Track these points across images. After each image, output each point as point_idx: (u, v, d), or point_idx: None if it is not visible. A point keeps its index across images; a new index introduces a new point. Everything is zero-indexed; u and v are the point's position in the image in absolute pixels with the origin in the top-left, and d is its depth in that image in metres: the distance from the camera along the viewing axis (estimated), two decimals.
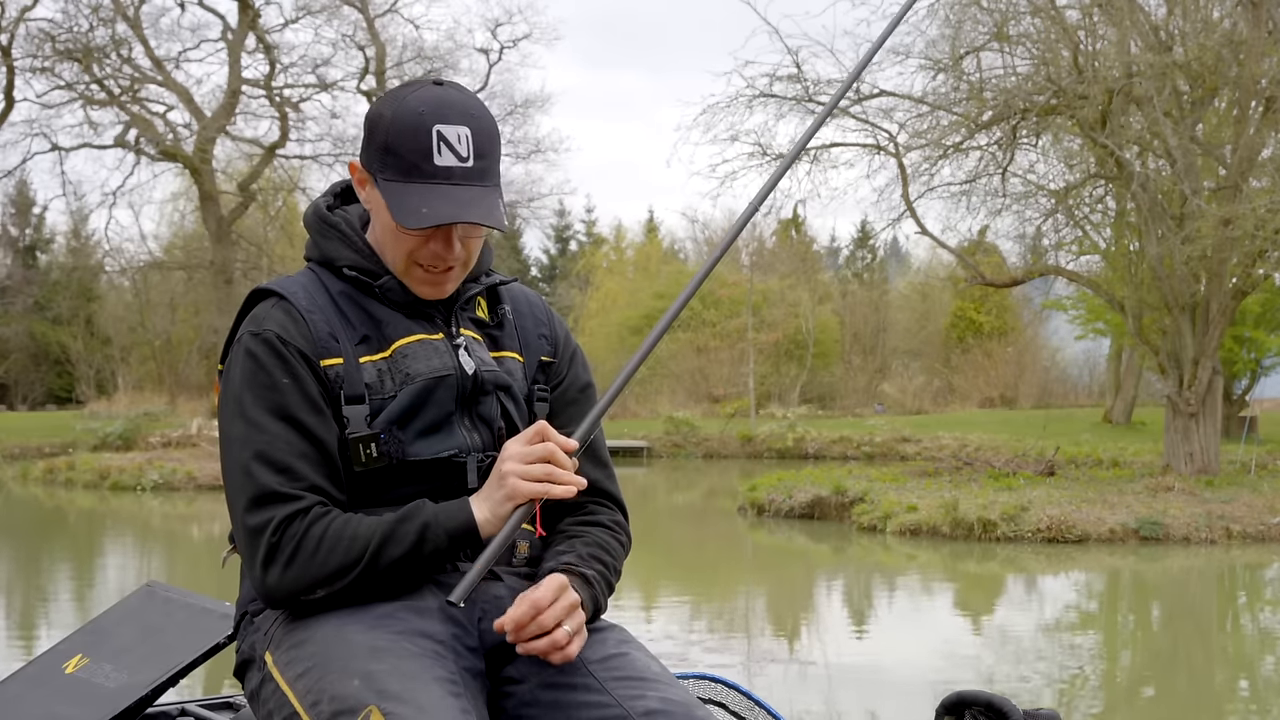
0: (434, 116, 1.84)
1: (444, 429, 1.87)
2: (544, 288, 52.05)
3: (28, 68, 29.96)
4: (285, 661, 1.77)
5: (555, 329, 2.06)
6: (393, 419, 1.84)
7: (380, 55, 31.38)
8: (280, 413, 1.80)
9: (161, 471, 22.29)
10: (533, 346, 2.02)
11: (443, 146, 1.83)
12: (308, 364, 1.83)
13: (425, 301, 1.91)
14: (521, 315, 2.03)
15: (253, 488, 1.78)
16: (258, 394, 1.81)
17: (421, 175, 1.83)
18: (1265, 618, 11.21)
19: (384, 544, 1.76)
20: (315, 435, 1.81)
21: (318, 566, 1.76)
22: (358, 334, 1.87)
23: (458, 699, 1.67)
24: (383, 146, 1.85)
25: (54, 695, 2.38)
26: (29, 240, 42.46)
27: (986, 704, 2.13)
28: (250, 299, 1.93)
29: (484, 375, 1.91)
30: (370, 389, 1.85)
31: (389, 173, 1.85)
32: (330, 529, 1.76)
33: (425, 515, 1.78)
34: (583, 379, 2.06)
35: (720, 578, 13.06)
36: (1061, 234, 20.26)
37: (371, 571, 1.76)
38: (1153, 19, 17.66)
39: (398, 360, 1.87)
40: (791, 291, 38.22)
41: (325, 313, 1.87)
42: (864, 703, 7.30)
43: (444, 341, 1.90)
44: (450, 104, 1.85)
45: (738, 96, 19.02)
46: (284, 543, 1.76)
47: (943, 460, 21.86)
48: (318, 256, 1.95)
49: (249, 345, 1.84)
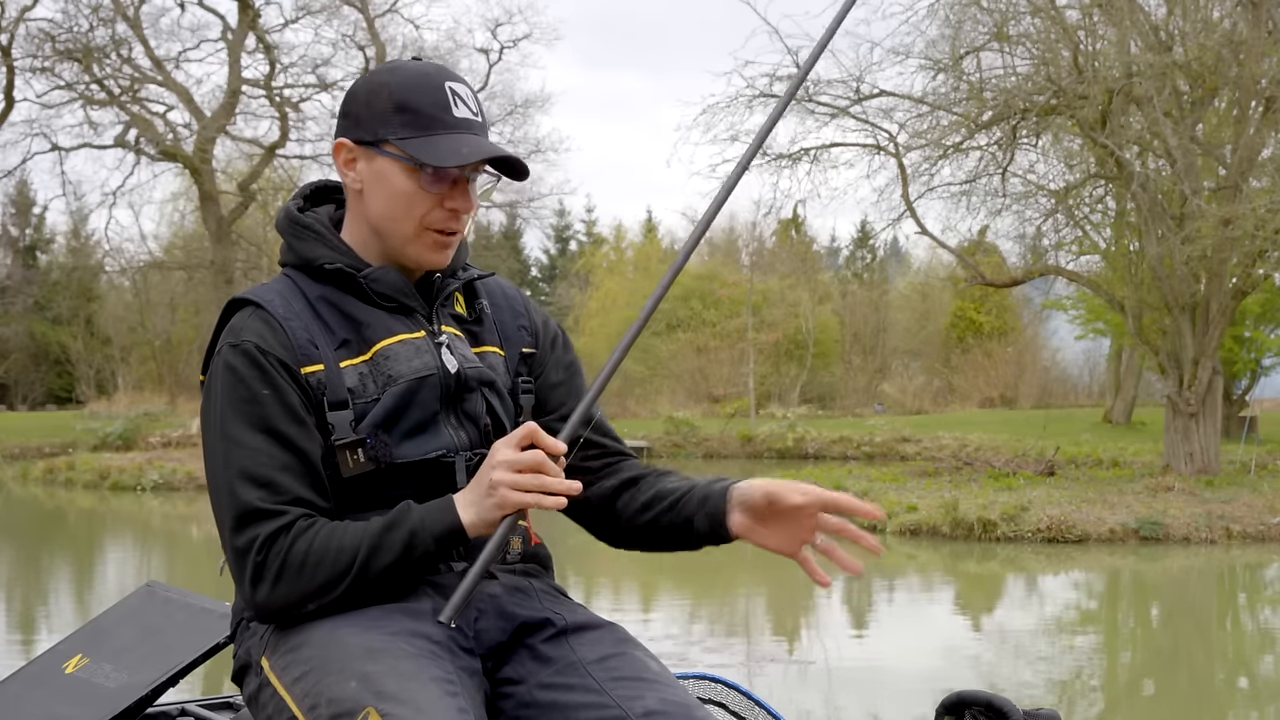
0: (441, 76, 1.87)
1: (430, 429, 1.85)
2: (544, 287, 52.06)
3: (28, 68, 29.97)
4: (282, 666, 1.76)
5: (533, 318, 2.04)
6: (378, 422, 1.82)
7: (380, 55, 31.37)
8: (261, 426, 1.78)
9: (161, 471, 22.29)
10: (513, 339, 2.00)
11: (458, 100, 1.85)
12: (288, 373, 1.80)
13: (407, 297, 1.89)
14: (499, 309, 2.02)
15: (235, 506, 1.76)
16: (238, 409, 1.79)
17: (444, 126, 1.84)
18: (1265, 617, 11.21)
19: (372, 554, 1.74)
20: (297, 446, 1.78)
21: (306, 581, 1.74)
22: (337, 338, 1.85)
23: (455, 698, 1.67)
24: (393, 107, 1.84)
25: (54, 695, 2.38)
26: (29, 240, 42.45)
27: (986, 704, 2.13)
28: (227, 309, 1.91)
29: (467, 372, 1.89)
30: (353, 393, 1.83)
31: (404, 130, 1.83)
32: (315, 543, 1.74)
33: (411, 522, 1.75)
34: (565, 359, 2.04)
35: (720, 578, 13.06)
36: (1061, 234, 20.28)
37: (362, 582, 1.75)
38: (1153, 19, 17.66)
39: (379, 363, 1.84)
40: (791, 291, 38.21)
41: (303, 319, 1.85)
42: (864, 703, 7.30)
43: (425, 340, 1.88)
44: (447, 69, 1.89)
45: (738, 96, 19.06)
46: (270, 560, 1.74)
47: (943, 460, 21.87)
48: (294, 260, 1.92)
49: (227, 358, 1.82)
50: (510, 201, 35.76)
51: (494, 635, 1.84)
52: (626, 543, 2.02)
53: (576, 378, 2.05)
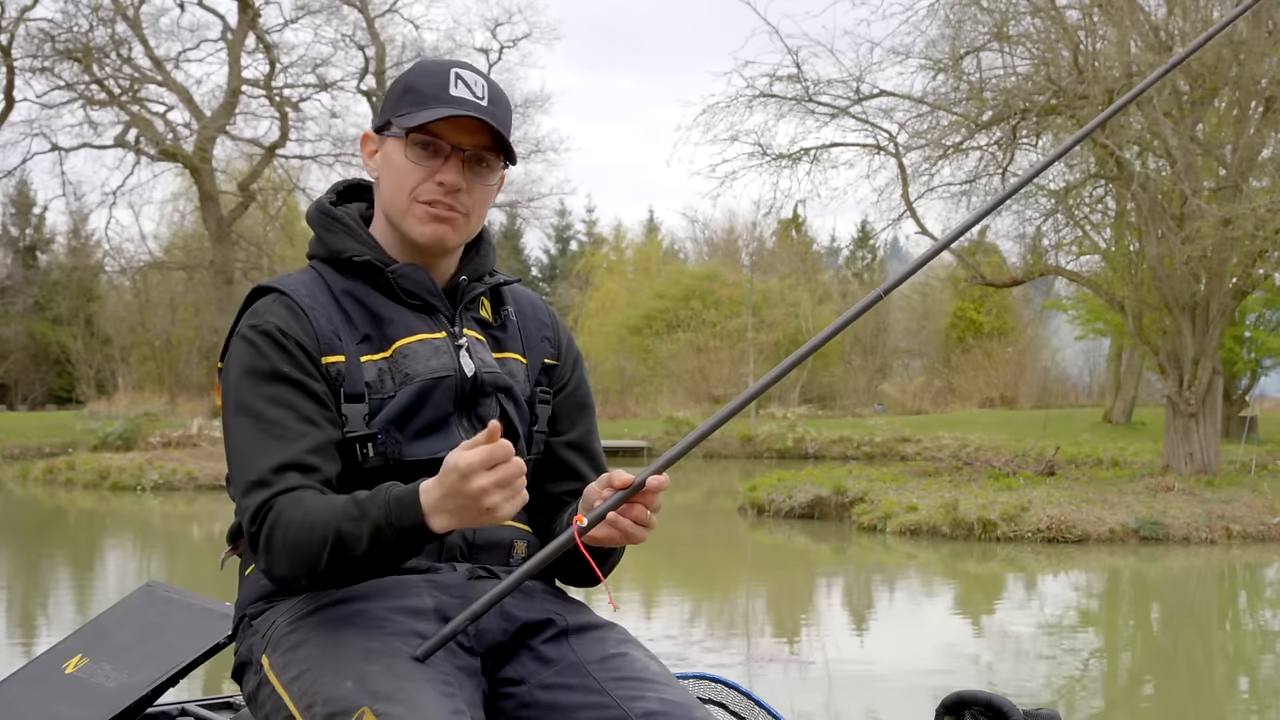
0: (452, 64, 1.91)
1: (441, 430, 1.86)
2: (544, 288, 52.06)
3: (28, 68, 29.96)
4: (281, 664, 1.76)
5: (559, 333, 2.05)
6: (390, 419, 1.82)
7: (380, 55, 31.37)
8: (277, 399, 1.78)
9: (161, 471, 22.28)
10: (536, 348, 2.01)
11: (460, 83, 1.88)
12: (308, 358, 1.81)
13: (432, 296, 1.90)
14: (525, 316, 2.03)
15: (242, 476, 1.77)
16: (255, 381, 1.79)
17: (438, 101, 1.86)
18: (1265, 617, 11.21)
19: (339, 542, 1.69)
20: (313, 420, 1.78)
21: (291, 553, 1.72)
22: (359, 333, 1.86)
23: (450, 699, 1.67)
24: (401, 90, 1.90)
25: (54, 695, 2.38)
26: (29, 240, 42.44)
27: (986, 704, 2.13)
28: (251, 296, 1.91)
29: (484, 377, 1.89)
30: (370, 388, 1.83)
31: (405, 108, 1.88)
32: (295, 517, 1.71)
33: (376, 516, 1.68)
34: (583, 394, 2.05)
35: (720, 578, 13.06)
36: (1061, 234, 20.27)
37: (338, 570, 1.72)
38: (1153, 19, 17.65)
39: (398, 360, 1.85)
40: (791, 291, 38.21)
41: (327, 310, 1.86)
42: (864, 703, 7.29)
43: (446, 341, 1.89)
44: (465, 62, 1.93)
45: (737, 96, 19.03)
46: (263, 530, 1.74)
47: (943, 460, 21.86)
48: (323, 253, 1.93)
49: (248, 334, 1.82)
50: (511, 201, 35.74)
51: (495, 635, 1.84)
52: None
53: (589, 420, 2.05)
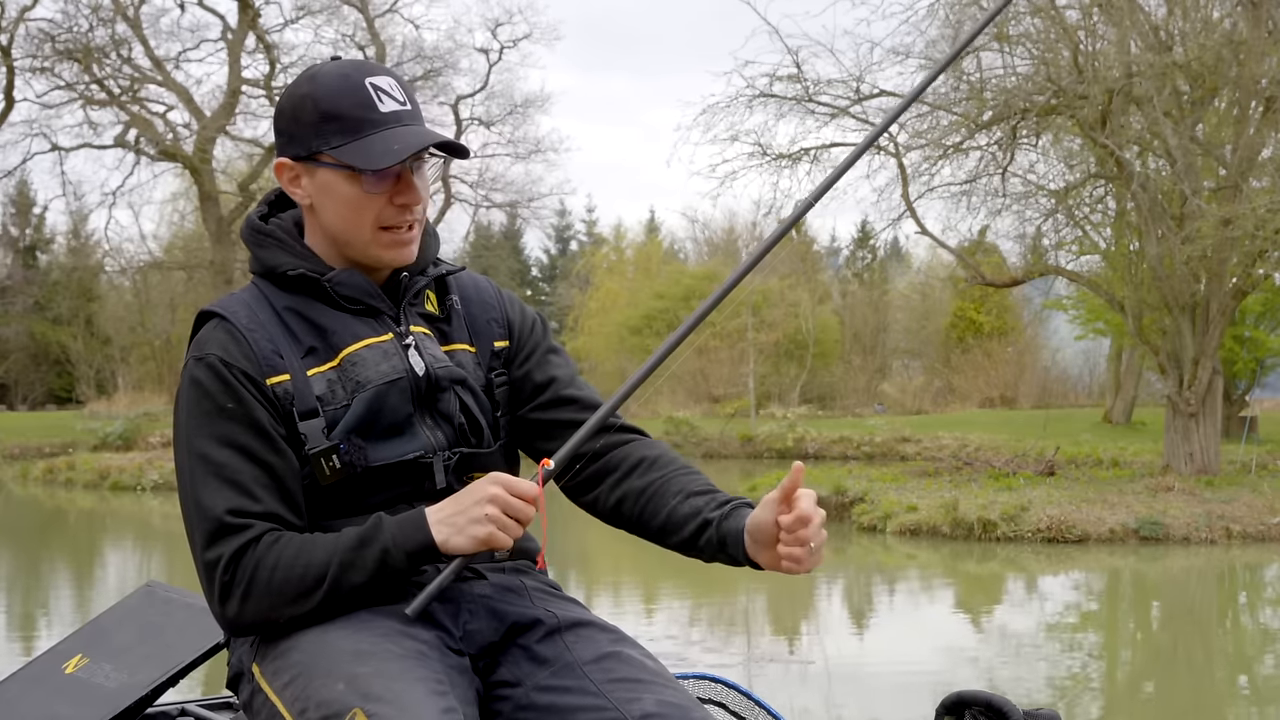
0: (361, 73, 1.84)
1: (406, 431, 1.84)
2: (544, 287, 52.08)
3: (28, 68, 29.94)
4: (272, 671, 1.76)
5: (506, 310, 2.02)
6: (350, 428, 1.81)
7: (380, 55, 31.35)
8: (226, 440, 1.77)
9: (161, 471, 22.29)
10: (483, 334, 1.98)
11: (381, 95, 1.83)
12: (253, 384, 1.79)
13: (373, 299, 1.88)
14: (469, 303, 2.00)
15: (203, 522, 1.76)
16: (203, 424, 1.78)
17: (373, 125, 1.81)
18: (1265, 617, 11.21)
19: (344, 570, 1.73)
20: (263, 459, 1.77)
21: (274, 597, 1.73)
22: (303, 346, 1.84)
23: (442, 697, 1.66)
24: (319, 118, 1.82)
25: (54, 695, 2.38)
26: (29, 240, 42.45)
27: (986, 704, 2.13)
28: (197, 321, 1.89)
29: (438, 372, 1.87)
30: (322, 401, 1.81)
31: (335, 139, 1.82)
32: (283, 558, 1.73)
33: (384, 539, 1.74)
34: (545, 343, 2.03)
35: (720, 578, 13.05)
36: (1061, 234, 20.28)
37: (335, 597, 1.74)
38: (1153, 19, 17.65)
39: (346, 369, 1.83)
40: (791, 291, 38.19)
41: (268, 329, 1.83)
42: (864, 703, 7.30)
43: (393, 343, 1.86)
44: (366, 64, 1.87)
45: (737, 96, 19.05)
46: (238, 577, 1.74)
47: (943, 460, 21.86)
48: (259, 269, 1.90)
49: (193, 372, 1.81)
50: (510, 201, 35.75)
51: (485, 635, 1.83)
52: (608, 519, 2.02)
53: (558, 355, 2.04)
